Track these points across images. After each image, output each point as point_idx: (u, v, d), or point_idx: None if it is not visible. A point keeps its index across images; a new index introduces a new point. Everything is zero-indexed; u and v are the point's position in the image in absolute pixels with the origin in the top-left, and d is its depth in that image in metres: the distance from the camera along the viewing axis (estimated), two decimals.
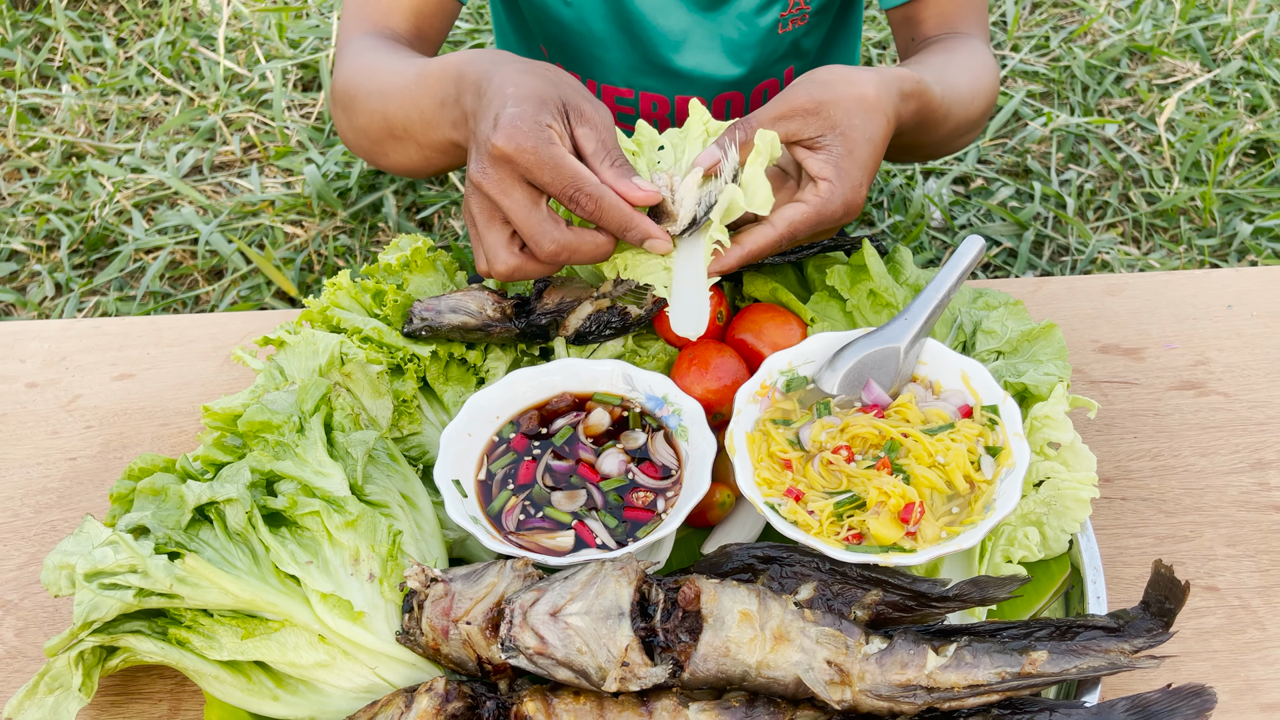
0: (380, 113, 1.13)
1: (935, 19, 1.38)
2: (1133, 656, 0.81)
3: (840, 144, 0.97)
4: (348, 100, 1.19)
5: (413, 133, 1.10)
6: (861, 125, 0.97)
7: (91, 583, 0.82)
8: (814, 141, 0.98)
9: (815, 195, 0.98)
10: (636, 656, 0.78)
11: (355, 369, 0.99)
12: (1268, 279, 1.27)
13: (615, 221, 0.94)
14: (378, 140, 1.16)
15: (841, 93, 0.98)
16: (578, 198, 0.92)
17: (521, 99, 0.92)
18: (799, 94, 0.98)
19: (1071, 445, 0.96)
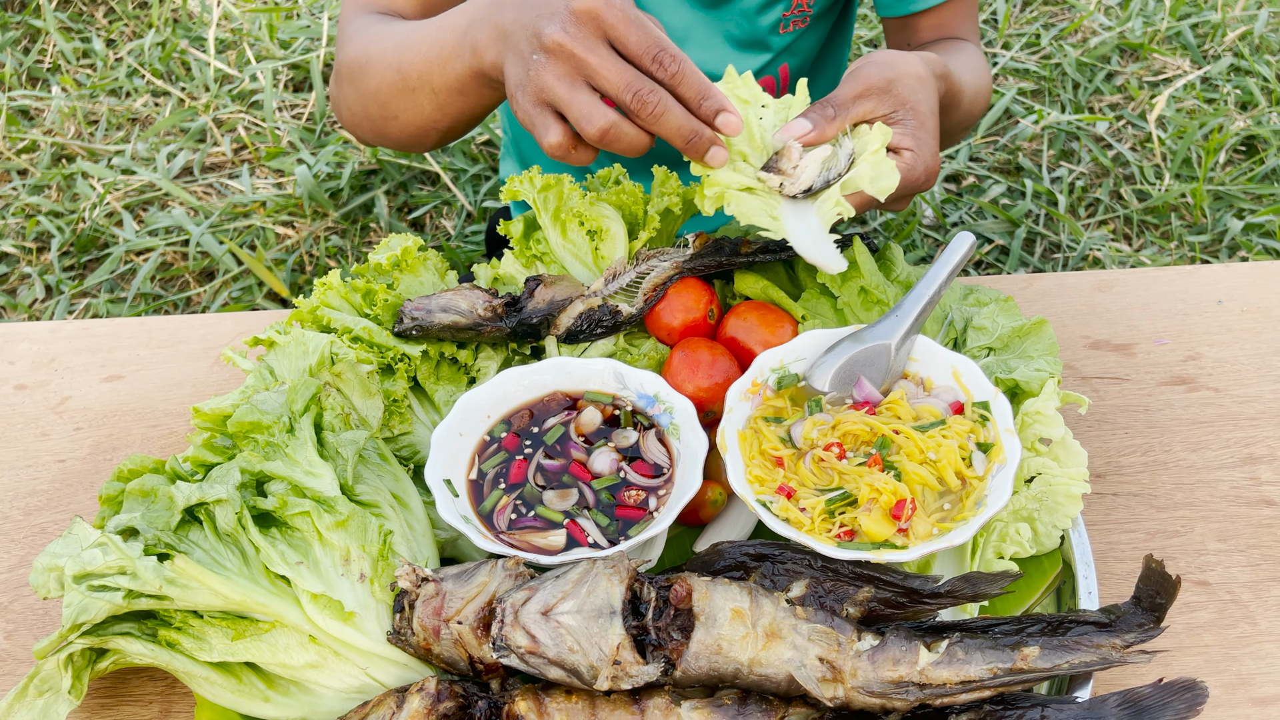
0: (394, 66, 1.13)
1: (932, 28, 1.42)
2: (1124, 652, 0.81)
3: (913, 117, 1.03)
4: (359, 68, 1.18)
5: (429, 76, 1.09)
6: (925, 99, 1.04)
7: (80, 585, 0.81)
8: (889, 117, 1.03)
9: (901, 162, 1.03)
10: (628, 655, 0.78)
11: (345, 369, 0.99)
12: (1257, 275, 1.28)
13: (694, 88, 0.92)
14: (387, 101, 1.15)
15: (903, 70, 1.04)
16: (661, 58, 0.91)
17: None
18: (870, 74, 1.03)
19: (1063, 441, 0.97)
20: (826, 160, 1.01)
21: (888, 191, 1.00)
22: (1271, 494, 1.06)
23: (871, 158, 1.01)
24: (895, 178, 1.00)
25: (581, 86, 0.92)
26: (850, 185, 1.01)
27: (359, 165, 2.78)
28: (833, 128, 1.02)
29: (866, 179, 1.00)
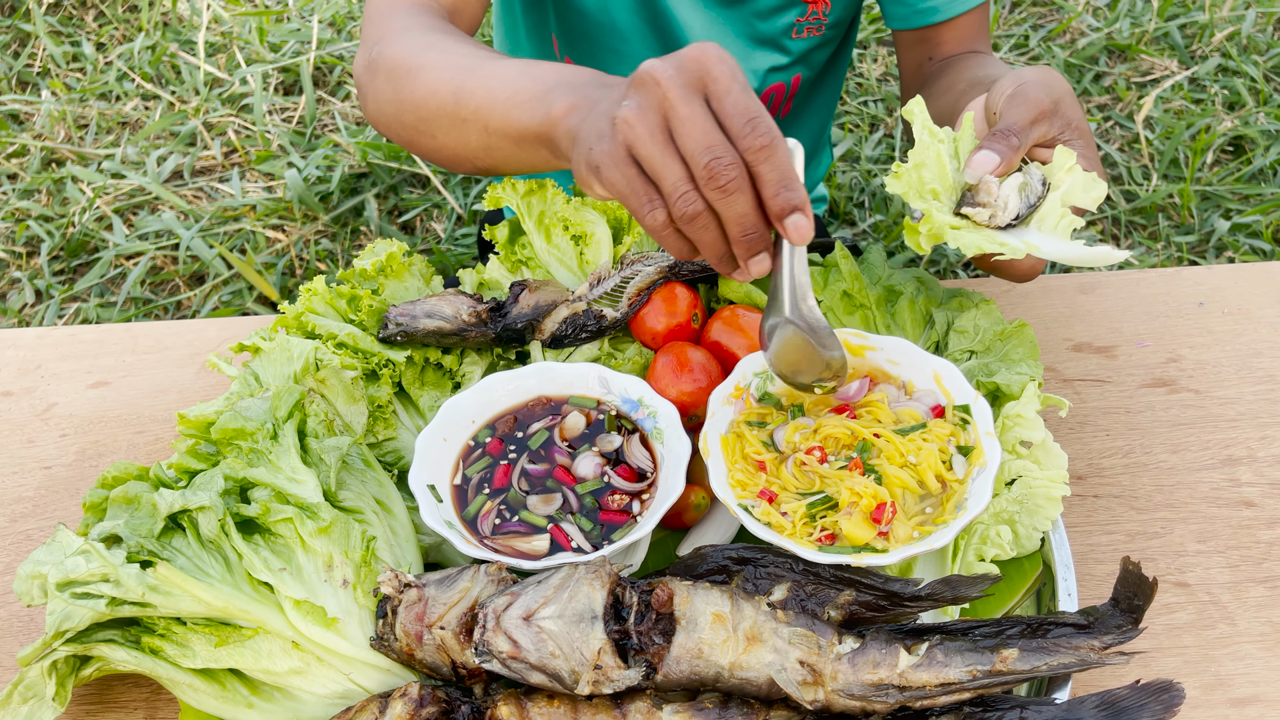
0: (451, 87, 1.04)
1: (955, 41, 1.38)
2: (1102, 653, 0.81)
3: (1079, 136, 1.01)
4: (405, 71, 1.08)
5: (487, 115, 1.00)
6: (1081, 116, 1.02)
7: (64, 592, 0.82)
8: (1059, 138, 1.01)
9: None
10: (609, 659, 0.79)
11: (330, 375, 0.99)
12: (1238, 276, 1.29)
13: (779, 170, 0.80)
14: (430, 118, 1.07)
15: (1061, 90, 1.01)
16: (757, 124, 0.79)
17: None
18: (1037, 96, 1.00)
19: (1043, 444, 0.97)
20: (1022, 187, 0.99)
21: (1099, 200, 0.99)
22: (1251, 495, 1.07)
23: (1068, 176, 0.99)
24: (1103, 187, 0.98)
25: (674, 154, 0.80)
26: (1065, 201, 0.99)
27: (349, 169, 2.79)
28: (1016, 156, 0.99)
29: (1079, 191, 0.98)
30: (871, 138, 2.87)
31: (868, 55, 3.14)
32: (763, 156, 0.79)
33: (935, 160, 1.00)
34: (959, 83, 1.23)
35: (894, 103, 2.98)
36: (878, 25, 3.21)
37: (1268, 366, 1.18)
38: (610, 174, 0.82)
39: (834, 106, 1.68)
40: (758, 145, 0.79)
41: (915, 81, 1.40)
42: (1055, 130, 1.00)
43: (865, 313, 1.09)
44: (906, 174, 0.98)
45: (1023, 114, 0.99)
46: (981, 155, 0.98)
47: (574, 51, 1.46)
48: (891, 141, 2.86)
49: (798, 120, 1.60)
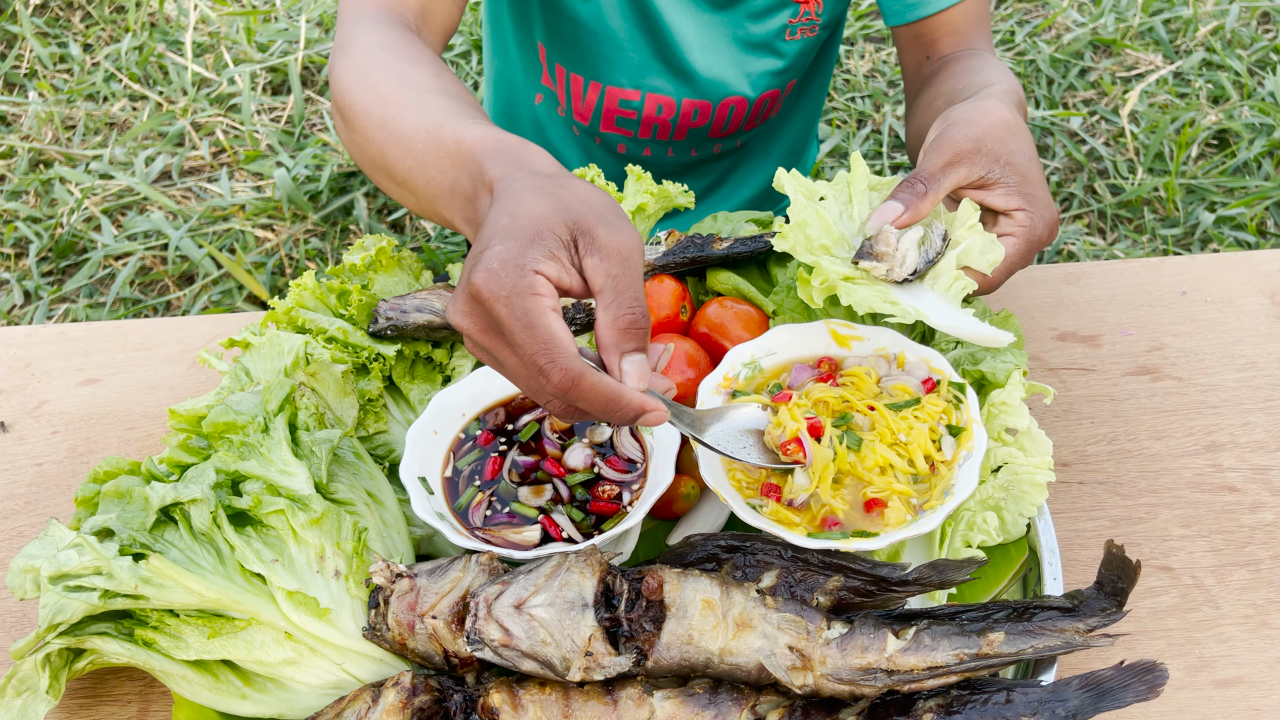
0: (380, 150, 0.98)
1: (950, 37, 1.36)
2: (1087, 636, 0.82)
3: (1011, 172, 0.97)
4: (345, 110, 1.03)
5: (415, 191, 0.95)
6: (1019, 148, 0.98)
7: (57, 585, 0.82)
8: (984, 180, 0.97)
9: (1017, 225, 0.98)
10: (600, 646, 0.79)
11: (320, 369, 1.00)
12: (1220, 265, 1.30)
13: (596, 405, 0.77)
14: (372, 169, 1.02)
15: (987, 124, 0.98)
16: (548, 370, 0.75)
17: (513, 233, 0.77)
18: (955, 138, 0.97)
19: (1028, 431, 0.98)
20: (921, 240, 0.96)
21: (995, 264, 0.96)
22: (1233, 480, 1.08)
23: (969, 232, 0.97)
24: (1000, 250, 0.96)
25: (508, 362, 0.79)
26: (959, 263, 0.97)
27: (338, 168, 2.79)
28: (926, 204, 0.97)
29: (975, 253, 0.96)
30: (859, 134, 2.89)
31: (855, 52, 3.16)
32: (573, 397, 0.76)
33: (816, 218, 0.99)
34: (938, 98, 1.21)
35: (881, 99, 3.00)
36: (865, 22, 3.22)
37: (1249, 354, 1.20)
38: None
39: (821, 103, 1.68)
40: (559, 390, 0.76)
41: (916, 85, 1.38)
42: (980, 171, 0.97)
43: None
44: (791, 233, 0.98)
45: (936, 159, 0.97)
46: (886, 205, 0.97)
47: (565, 59, 1.45)
48: (879, 137, 2.88)
49: (785, 119, 1.60)
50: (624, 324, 0.77)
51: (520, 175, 0.82)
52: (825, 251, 0.98)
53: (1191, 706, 0.91)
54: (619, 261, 0.77)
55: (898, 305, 0.94)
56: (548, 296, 0.76)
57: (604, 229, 0.78)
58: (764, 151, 1.64)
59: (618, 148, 1.54)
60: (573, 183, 0.82)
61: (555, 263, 0.77)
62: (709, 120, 1.48)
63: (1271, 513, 1.05)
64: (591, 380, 0.76)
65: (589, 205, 0.80)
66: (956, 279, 0.96)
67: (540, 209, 0.78)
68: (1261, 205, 2.59)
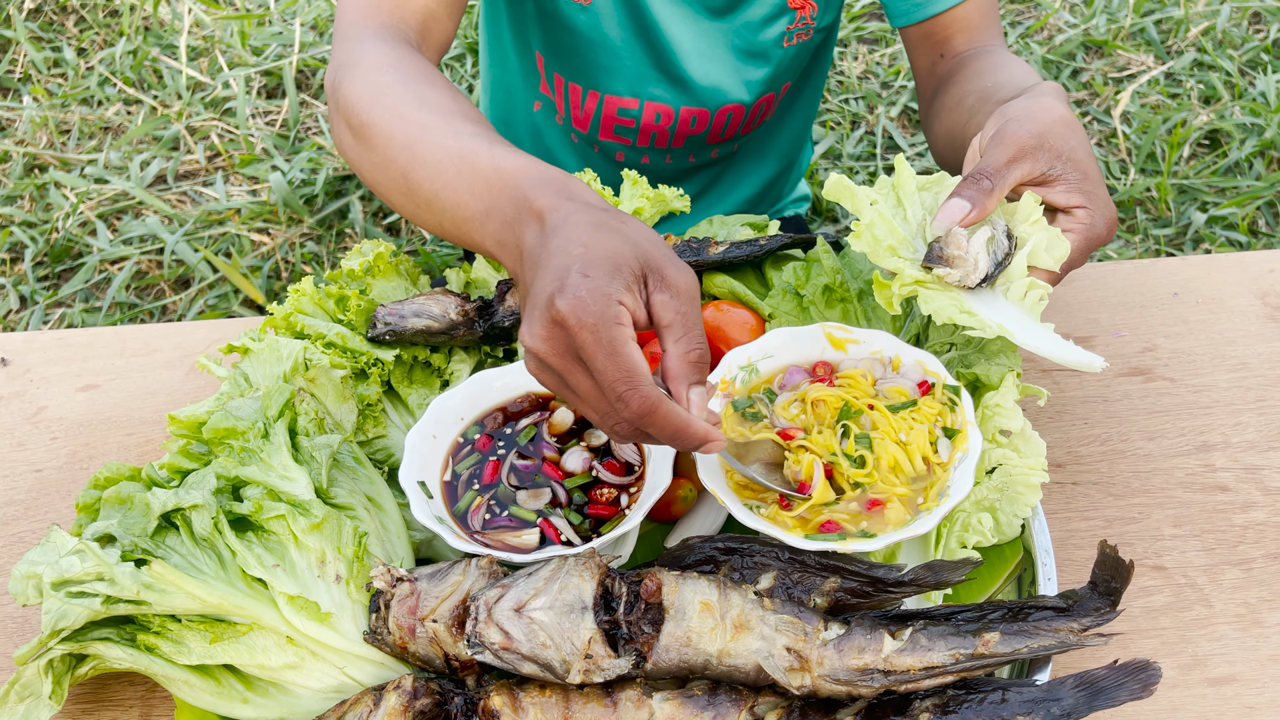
0: (402, 172, 0.98)
1: (963, 34, 1.32)
2: (1081, 635, 0.83)
3: (1072, 169, 0.95)
4: (362, 129, 1.02)
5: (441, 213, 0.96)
6: (1079, 144, 0.97)
7: (59, 591, 0.82)
8: (1046, 176, 0.96)
9: (1077, 223, 0.96)
10: (600, 649, 0.80)
11: (319, 374, 1.00)
12: (1211, 266, 1.31)
13: (666, 432, 0.80)
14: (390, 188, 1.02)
15: (1048, 120, 0.96)
16: (628, 397, 0.78)
17: (593, 264, 0.79)
18: (1018, 134, 0.95)
19: (1022, 432, 0.99)
20: (989, 241, 0.93)
21: (1062, 260, 0.93)
22: (1225, 480, 1.09)
23: (1034, 227, 0.93)
24: (1066, 245, 0.93)
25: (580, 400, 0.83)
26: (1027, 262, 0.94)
27: (333, 171, 2.79)
28: (992, 201, 0.94)
29: (1042, 250, 0.92)
30: (853, 135, 2.90)
31: (848, 53, 3.17)
32: (646, 423, 0.80)
33: (881, 219, 0.96)
34: (969, 96, 1.19)
35: (874, 100, 3.01)
36: (858, 24, 3.23)
37: (1241, 354, 1.21)
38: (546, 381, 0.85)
39: (816, 106, 1.69)
40: (634, 415, 0.79)
41: (930, 84, 1.35)
42: (1043, 166, 0.95)
43: (846, 306, 1.11)
44: (864, 233, 0.96)
45: (999, 154, 0.95)
46: (952, 203, 0.94)
47: (563, 68, 1.45)
48: (873, 139, 2.89)
49: (781, 123, 1.61)
50: (694, 358, 0.82)
51: (575, 208, 0.84)
52: (893, 253, 0.95)
53: (1185, 705, 0.92)
54: (687, 299, 0.82)
55: (975, 316, 0.91)
56: (629, 327, 0.79)
57: (672, 268, 0.82)
58: (759, 154, 1.65)
59: (616, 155, 1.54)
60: (630, 220, 0.85)
61: (633, 296, 0.80)
62: (707, 127, 1.49)
63: (1263, 512, 1.06)
64: (666, 409, 0.79)
65: (654, 244, 0.83)
66: (1031, 286, 0.93)
67: (614, 243, 0.81)
68: (1253, 205, 2.61)
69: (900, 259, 0.95)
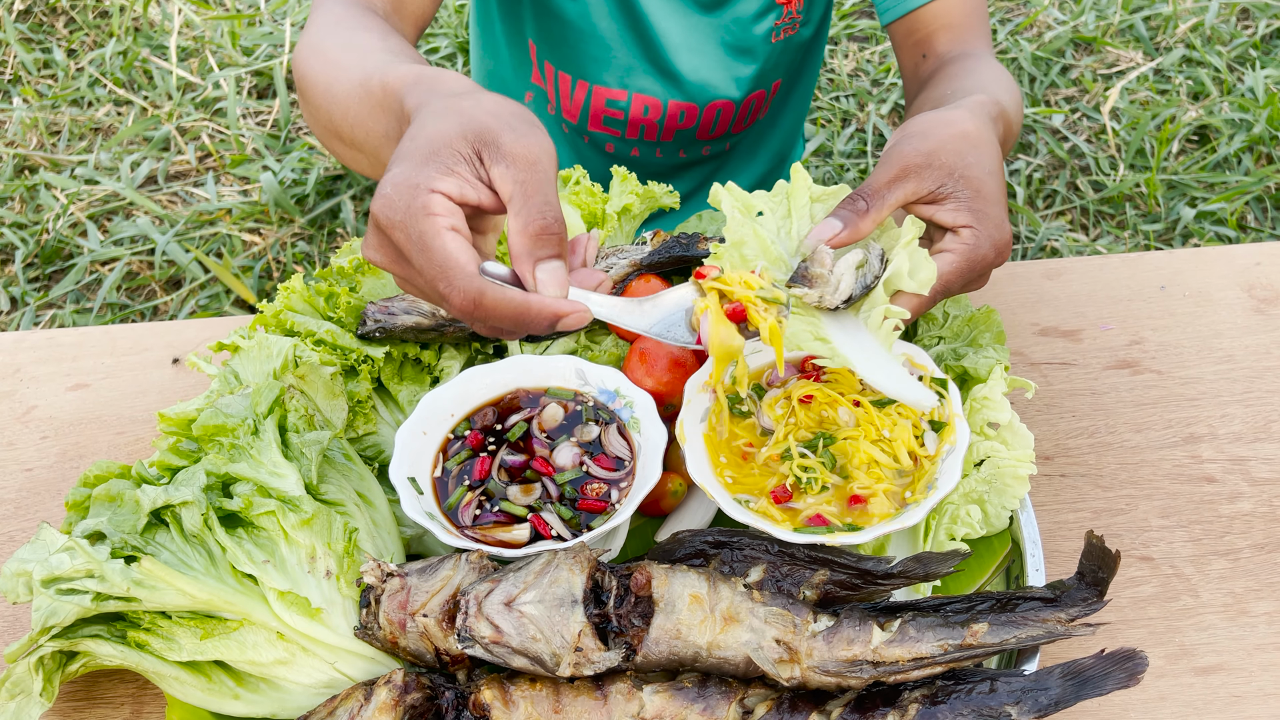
0: (326, 115, 0.99)
1: (945, 32, 1.31)
2: (1069, 625, 0.84)
3: (964, 187, 0.92)
4: (301, 83, 1.04)
5: (361, 148, 0.95)
6: (977, 161, 0.93)
7: (49, 588, 0.82)
8: (935, 194, 0.93)
9: (960, 243, 0.93)
10: (590, 642, 0.80)
11: (309, 371, 1.01)
12: (1198, 260, 1.32)
13: (506, 321, 0.74)
14: (326, 138, 1.03)
15: (944, 136, 0.94)
16: (447, 293, 0.73)
17: (411, 154, 0.76)
18: (905, 151, 0.93)
19: (1010, 425, 1.00)
20: (860, 264, 0.89)
21: (928, 284, 0.90)
22: (1212, 471, 1.10)
23: (904, 249, 0.90)
24: (932, 268, 0.90)
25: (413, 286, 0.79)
26: (889, 285, 0.91)
27: (324, 171, 2.79)
28: (867, 223, 0.91)
29: (904, 275, 0.89)
30: (844, 133, 2.90)
31: (839, 51, 3.17)
32: (478, 318, 0.75)
33: (754, 236, 0.93)
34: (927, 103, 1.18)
35: (865, 98, 3.01)
36: (848, 22, 3.24)
37: (1227, 347, 1.22)
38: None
39: (808, 104, 1.69)
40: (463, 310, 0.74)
41: (914, 86, 1.35)
42: (930, 185, 0.92)
43: None
44: (726, 254, 0.92)
45: (882, 174, 0.92)
46: (825, 223, 0.91)
47: (554, 57, 1.46)
48: (863, 136, 2.89)
49: (773, 121, 1.62)
50: (535, 230, 0.74)
51: (431, 99, 0.80)
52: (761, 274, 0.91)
53: (1172, 694, 0.93)
54: (526, 166, 0.75)
55: (828, 344, 0.88)
56: (444, 215, 0.74)
57: (509, 135, 0.75)
58: (751, 152, 1.65)
59: (606, 147, 1.55)
60: (481, 95, 0.80)
61: (455, 178, 0.75)
62: (696, 122, 1.49)
63: (1249, 503, 1.07)
64: (494, 297, 0.73)
65: (495, 115, 0.77)
66: (886, 317, 0.90)
67: (441, 126, 0.76)
68: (1241, 200, 2.62)
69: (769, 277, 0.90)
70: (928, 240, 0.97)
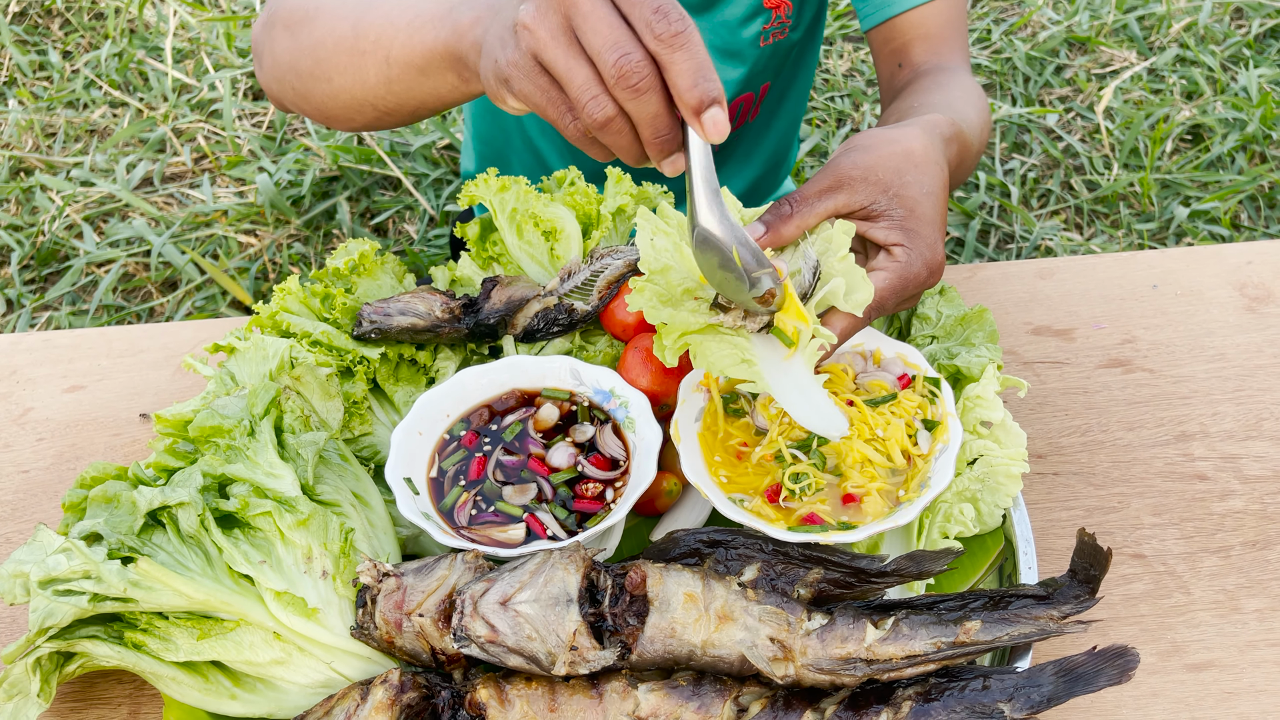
0: (350, 21, 0.98)
1: (922, 43, 1.30)
2: (1061, 622, 0.84)
3: (898, 205, 0.91)
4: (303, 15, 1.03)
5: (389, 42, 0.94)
6: (915, 181, 0.92)
7: (46, 590, 0.83)
8: (869, 210, 0.92)
9: (893, 261, 0.92)
10: (585, 640, 0.81)
11: (305, 372, 1.01)
12: (1190, 259, 1.32)
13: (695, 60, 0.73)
14: (326, 58, 1.01)
15: (885, 153, 0.92)
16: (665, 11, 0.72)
17: None
18: (842, 164, 0.92)
19: (1003, 423, 1.00)
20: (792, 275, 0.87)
21: (864, 304, 0.87)
22: (1204, 469, 1.10)
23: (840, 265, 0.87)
24: (869, 289, 0.86)
25: (579, 54, 0.75)
26: (823, 304, 0.88)
27: (320, 172, 2.79)
28: (790, 228, 0.89)
29: (841, 294, 0.87)
30: (839, 133, 2.91)
31: (834, 51, 3.18)
32: (676, 44, 0.73)
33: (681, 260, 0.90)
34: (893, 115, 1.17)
35: (860, 98, 3.02)
36: (843, 22, 3.24)
37: (1219, 345, 1.22)
38: (520, 85, 0.78)
39: (803, 107, 1.69)
40: (670, 33, 0.72)
41: (889, 96, 1.34)
42: (862, 200, 0.90)
43: None
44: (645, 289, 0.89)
45: (816, 182, 0.90)
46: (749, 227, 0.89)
47: None
48: None
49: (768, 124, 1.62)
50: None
51: None
52: (690, 295, 0.88)
53: (1164, 690, 0.93)
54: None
55: (753, 367, 0.85)
56: None
57: None
58: (745, 156, 1.65)
59: None
60: None
61: None
62: None
63: (1241, 500, 1.07)
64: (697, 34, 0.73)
65: None
66: (814, 334, 0.86)
67: None
68: (1235, 199, 2.63)
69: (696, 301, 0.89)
70: (861, 257, 0.95)
